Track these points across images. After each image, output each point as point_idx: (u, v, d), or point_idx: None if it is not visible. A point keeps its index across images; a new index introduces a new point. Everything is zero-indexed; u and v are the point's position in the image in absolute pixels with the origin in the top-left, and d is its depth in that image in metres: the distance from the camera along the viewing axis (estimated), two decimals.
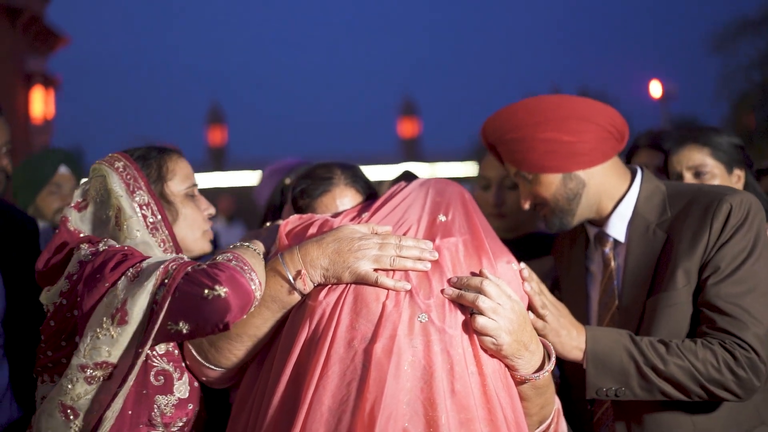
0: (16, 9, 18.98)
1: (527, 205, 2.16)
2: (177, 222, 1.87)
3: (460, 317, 1.59)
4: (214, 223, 2.02)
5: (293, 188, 2.02)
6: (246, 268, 1.58)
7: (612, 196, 2.10)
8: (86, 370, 1.58)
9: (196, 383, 1.75)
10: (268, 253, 1.76)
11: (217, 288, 1.52)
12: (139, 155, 1.87)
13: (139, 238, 1.77)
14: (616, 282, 2.09)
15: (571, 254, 2.26)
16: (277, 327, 1.67)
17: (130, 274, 1.61)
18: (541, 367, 1.67)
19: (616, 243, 2.12)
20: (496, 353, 1.60)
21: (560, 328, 1.87)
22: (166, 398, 1.69)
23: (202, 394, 1.77)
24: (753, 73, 18.83)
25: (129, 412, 1.65)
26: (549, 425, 1.78)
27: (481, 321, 1.57)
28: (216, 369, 1.70)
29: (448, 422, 1.47)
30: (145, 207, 1.81)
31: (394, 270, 1.62)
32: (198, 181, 1.97)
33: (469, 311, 1.59)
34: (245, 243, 1.74)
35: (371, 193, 2.01)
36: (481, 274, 1.64)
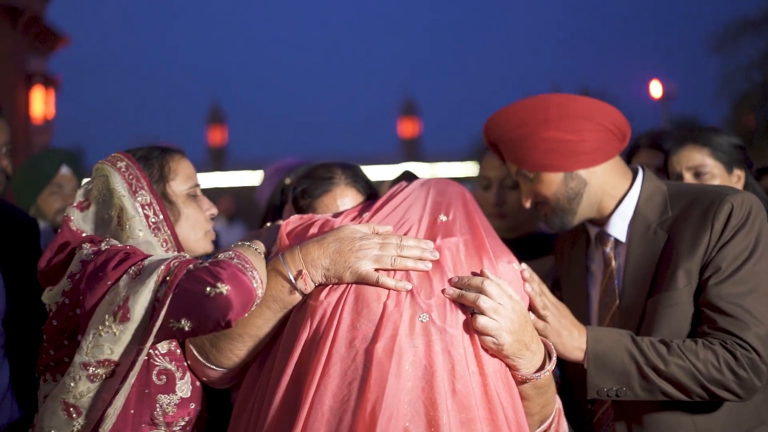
0: (16, 9, 18.96)
1: (528, 204, 2.16)
2: (179, 222, 1.87)
3: (461, 317, 1.59)
4: (215, 224, 2.02)
5: (294, 188, 2.02)
6: (248, 266, 1.58)
7: (613, 195, 2.10)
8: (89, 368, 1.58)
9: (198, 383, 1.75)
10: (268, 254, 1.76)
11: (219, 285, 1.52)
12: (142, 155, 1.87)
13: (142, 237, 1.77)
14: (617, 282, 2.09)
15: (571, 254, 2.26)
16: (279, 327, 1.67)
17: (132, 271, 1.61)
18: (542, 367, 1.67)
19: (617, 243, 2.12)
20: (497, 353, 1.60)
21: (561, 329, 1.87)
22: (169, 397, 1.69)
23: (204, 394, 1.76)
24: (753, 73, 18.80)
25: (131, 411, 1.65)
26: (550, 425, 1.78)
27: (482, 321, 1.57)
28: (217, 369, 1.70)
29: (449, 422, 1.47)
30: (147, 207, 1.81)
31: (395, 270, 1.62)
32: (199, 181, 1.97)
33: (470, 311, 1.59)
34: (246, 243, 1.74)
35: (372, 193, 2.01)
36: (482, 273, 1.64)
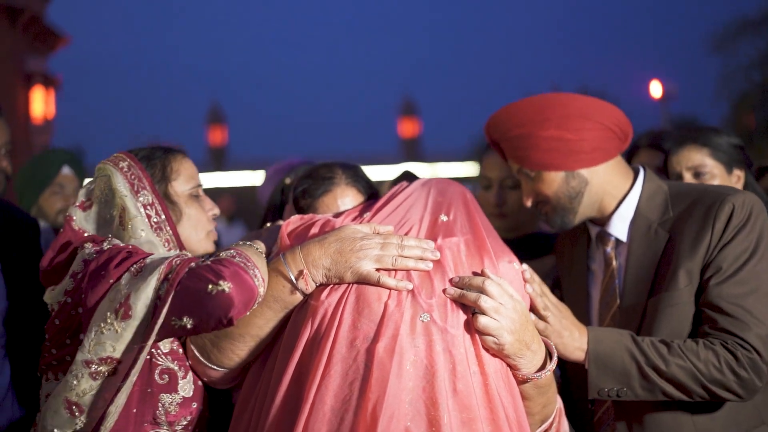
0: (16, 9, 18.93)
1: (529, 203, 2.16)
2: (181, 222, 1.87)
3: (462, 317, 1.59)
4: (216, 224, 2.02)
5: (295, 188, 2.02)
6: (249, 264, 1.59)
7: (614, 195, 2.10)
8: (91, 365, 1.58)
9: (200, 382, 1.75)
10: (269, 254, 1.76)
11: (221, 283, 1.52)
12: (144, 155, 1.88)
13: (144, 237, 1.77)
14: (618, 281, 2.09)
15: (572, 253, 2.26)
16: (280, 327, 1.67)
17: (133, 269, 1.61)
18: (543, 367, 1.67)
19: (617, 242, 2.12)
20: (498, 353, 1.60)
21: (562, 329, 1.87)
22: (171, 397, 1.69)
23: (205, 394, 1.77)
24: (753, 73, 18.77)
25: (134, 410, 1.65)
26: (551, 424, 1.78)
27: (483, 320, 1.57)
28: (218, 369, 1.70)
29: (450, 422, 1.47)
30: (149, 207, 1.81)
31: (396, 270, 1.62)
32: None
33: (471, 311, 1.60)
34: (246, 242, 1.74)
35: (373, 193, 2.01)
36: (483, 273, 1.64)
